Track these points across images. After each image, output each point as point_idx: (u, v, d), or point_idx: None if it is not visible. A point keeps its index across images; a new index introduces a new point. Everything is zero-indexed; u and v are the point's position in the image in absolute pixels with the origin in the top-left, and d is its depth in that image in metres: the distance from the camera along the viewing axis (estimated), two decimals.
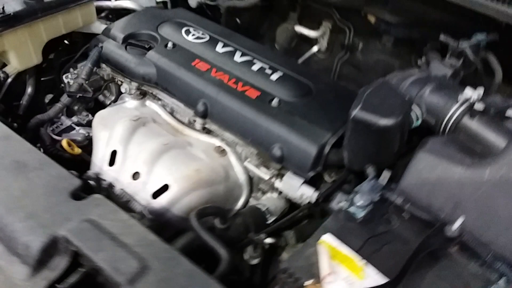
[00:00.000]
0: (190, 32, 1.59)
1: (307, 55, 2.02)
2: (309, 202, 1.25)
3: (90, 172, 1.07)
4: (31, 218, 0.84)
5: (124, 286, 0.74)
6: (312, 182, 1.28)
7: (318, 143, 1.23)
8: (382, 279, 0.83)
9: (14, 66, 1.51)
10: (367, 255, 0.90)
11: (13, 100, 1.68)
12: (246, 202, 1.41)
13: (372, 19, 1.69)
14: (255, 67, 1.45)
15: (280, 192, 1.33)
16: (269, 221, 1.29)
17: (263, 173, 1.35)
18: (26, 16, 1.43)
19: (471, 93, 1.12)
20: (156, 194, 1.18)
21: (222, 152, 1.37)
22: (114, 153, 1.26)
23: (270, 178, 1.33)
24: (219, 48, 1.53)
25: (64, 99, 1.55)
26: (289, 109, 1.32)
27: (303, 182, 1.26)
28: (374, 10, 1.58)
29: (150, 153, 1.24)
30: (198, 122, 1.43)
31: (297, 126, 1.27)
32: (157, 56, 1.50)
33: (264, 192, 1.40)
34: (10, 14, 1.38)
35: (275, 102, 1.33)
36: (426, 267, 0.87)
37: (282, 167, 1.30)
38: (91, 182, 1.10)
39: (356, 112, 1.07)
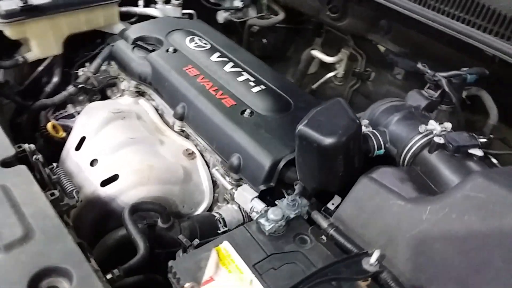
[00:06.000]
0: (193, 40, 1.64)
1: (322, 80, 1.98)
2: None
3: (26, 145, 1.11)
4: None
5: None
6: (271, 197, 1.23)
7: (274, 157, 1.18)
8: None
9: (35, 53, 1.67)
10: (262, 270, 0.84)
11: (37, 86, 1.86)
12: (210, 209, 1.39)
13: (381, 48, 1.62)
14: (240, 78, 1.46)
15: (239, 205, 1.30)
16: (220, 231, 1.25)
17: (227, 183, 1.33)
18: (48, 9, 1.59)
19: (435, 126, 1.02)
20: (104, 183, 1.21)
21: (190, 155, 1.38)
22: (83, 139, 1.33)
23: (231, 188, 1.30)
24: (214, 57, 1.56)
25: (70, 88, 1.67)
26: (257, 122, 1.30)
27: (256, 196, 1.21)
28: (377, 37, 1.52)
29: (112, 143, 1.29)
30: (177, 124, 1.45)
31: (259, 138, 1.24)
32: (155, 58, 1.56)
33: (228, 202, 1.37)
34: (32, 4, 1.53)
35: (246, 113, 1.32)
36: None
37: (240, 178, 1.27)
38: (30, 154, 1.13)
39: (301, 127, 1.02)
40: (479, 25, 1.11)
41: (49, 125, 1.46)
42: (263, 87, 1.42)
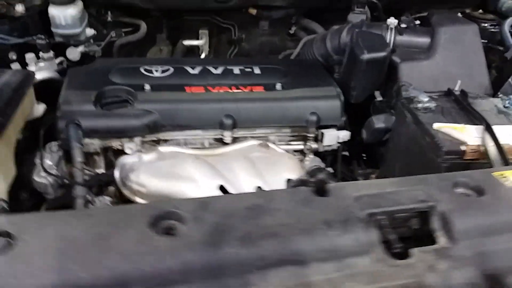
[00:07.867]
0: (150, 70, 1.57)
1: None
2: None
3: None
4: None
5: None
6: None
7: (336, 96, 1.58)
8: (480, 128, 1.31)
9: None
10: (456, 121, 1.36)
11: None
12: None
13: (253, 11, 2.05)
14: (236, 71, 1.62)
15: (315, 151, 1.61)
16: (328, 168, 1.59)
17: (296, 145, 1.59)
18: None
19: (392, 21, 1.71)
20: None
21: (267, 146, 1.53)
22: (222, 188, 1.26)
23: (304, 145, 1.59)
24: (191, 70, 1.60)
25: (81, 191, 1.29)
26: (293, 86, 1.59)
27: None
28: (267, 1, 1.95)
29: (249, 169, 1.31)
30: (227, 135, 1.50)
31: (313, 94, 1.57)
32: (149, 101, 1.45)
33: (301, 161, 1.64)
34: None
35: (279, 87, 1.58)
36: None
37: (317, 129, 1.58)
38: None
39: (365, 55, 1.49)
40: None
41: None
42: (257, 67, 1.66)
